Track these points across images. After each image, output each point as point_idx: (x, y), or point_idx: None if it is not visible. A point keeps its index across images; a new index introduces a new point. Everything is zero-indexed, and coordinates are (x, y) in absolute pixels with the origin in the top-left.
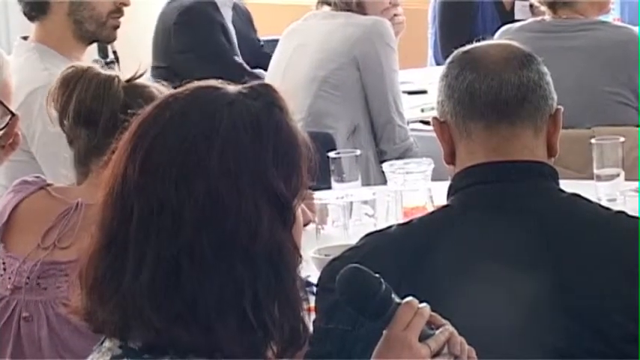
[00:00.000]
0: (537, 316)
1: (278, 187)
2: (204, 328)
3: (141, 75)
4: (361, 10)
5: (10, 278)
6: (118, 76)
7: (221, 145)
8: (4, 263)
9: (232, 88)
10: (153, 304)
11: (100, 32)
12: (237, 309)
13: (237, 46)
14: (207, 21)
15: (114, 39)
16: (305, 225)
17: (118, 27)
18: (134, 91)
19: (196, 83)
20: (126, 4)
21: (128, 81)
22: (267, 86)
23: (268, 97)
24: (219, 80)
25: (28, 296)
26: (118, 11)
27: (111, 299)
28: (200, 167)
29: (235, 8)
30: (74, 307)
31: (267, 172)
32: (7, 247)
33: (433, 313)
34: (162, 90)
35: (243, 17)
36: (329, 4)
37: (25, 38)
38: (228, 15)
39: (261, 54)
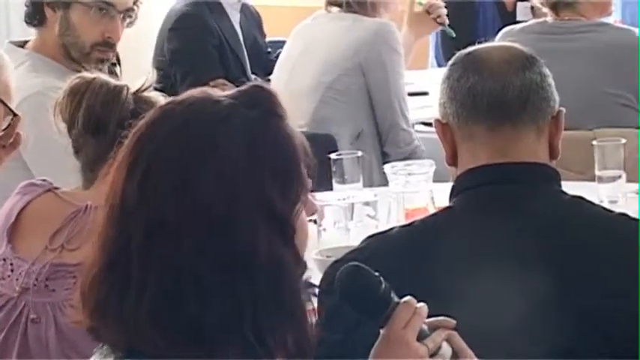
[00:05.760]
0: (540, 317)
1: (275, 202)
2: (208, 349)
3: (149, 87)
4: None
5: (17, 280)
6: (127, 86)
7: (217, 164)
8: (11, 264)
9: (227, 97)
10: (156, 327)
11: (84, 62)
12: (239, 329)
13: (241, 50)
14: (199, 30)
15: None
16: (312, 214)
17: (105, 60)
18: (144, 100)
19: (191, 93)
20: (113, 40)
21: (136, 92)
22: (263, 90)
23: (264, 105)
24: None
25: (36, 298)
26: (104, 44)
27: (114, 321)
28: (196, 189)
29: (243, 10)
30: (78, 319)
31: (264, 189)
32: (14, 248)
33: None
34: None
35: (252, 20)
36: (339, 5)
37: (20, 45)
38: (235, 18)
39: (265, 59)
